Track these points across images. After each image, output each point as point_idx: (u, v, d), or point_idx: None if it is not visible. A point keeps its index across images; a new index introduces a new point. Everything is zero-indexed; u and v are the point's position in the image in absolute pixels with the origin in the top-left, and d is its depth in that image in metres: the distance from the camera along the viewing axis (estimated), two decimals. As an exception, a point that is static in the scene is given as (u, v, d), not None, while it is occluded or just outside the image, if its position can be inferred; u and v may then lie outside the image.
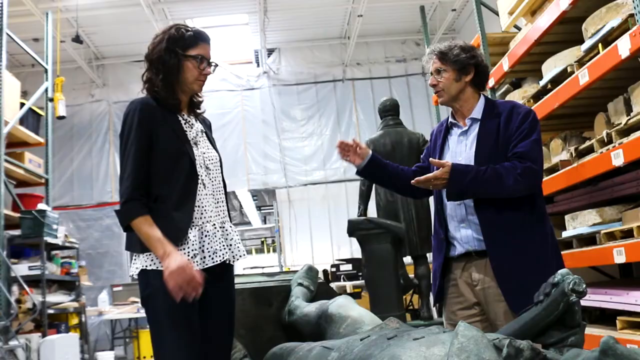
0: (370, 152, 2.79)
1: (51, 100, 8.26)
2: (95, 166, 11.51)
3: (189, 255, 2.23)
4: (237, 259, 2.43)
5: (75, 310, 8.47)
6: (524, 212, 2.56)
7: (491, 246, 2.52)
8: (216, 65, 2.47)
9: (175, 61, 2.36)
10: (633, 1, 3.06)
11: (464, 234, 2.61)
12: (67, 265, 8.33)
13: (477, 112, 2.67)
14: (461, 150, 2.66)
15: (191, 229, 2.28)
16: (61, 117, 8.27)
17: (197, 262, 2.25)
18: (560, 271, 1.87)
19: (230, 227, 2.44)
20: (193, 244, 2.26)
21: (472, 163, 2.57)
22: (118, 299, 9.82)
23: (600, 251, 3.76)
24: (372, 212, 5.57)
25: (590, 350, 1.32)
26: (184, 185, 2.30)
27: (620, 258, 3.72)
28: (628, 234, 3.72)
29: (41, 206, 7.62)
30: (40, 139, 8.07)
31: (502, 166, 2.49)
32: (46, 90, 8.29)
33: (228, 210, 2.50)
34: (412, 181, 2.55)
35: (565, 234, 4.17)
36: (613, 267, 4.68)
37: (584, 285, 1.81)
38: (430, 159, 2.56)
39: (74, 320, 8.55)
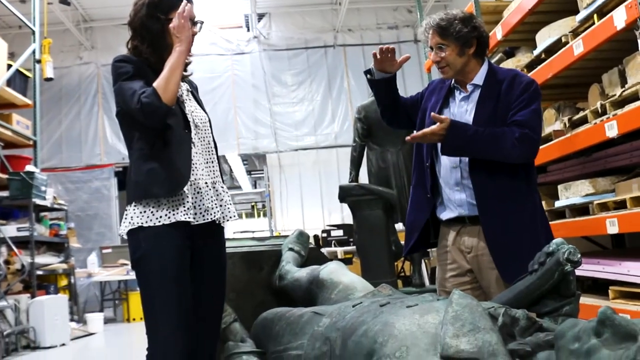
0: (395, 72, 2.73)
1: (38, 61, 8.15)
2: (84, 128, 11.40)
3: (185, 207, 2.20)
4: (228, 220, 2.41)
5: (64, 271, 8.47)
6: (519, 181, 2.54)
7: (484, 212, 2.49)
8: (202, 23, 2.41)
9: (159, 26, 2.32)
10: (631, -29, 3.00)
11: (458, 198, 2.57)
12: (55, 227, 8.30)
13: (479, 78, 2.63)
14: (461, 113, 2.62)
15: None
16: (49, 79, 8.18)
17: (192, 215, 2.22)
18: (555, 240, 1.85)
19: (222, 187, 2.42)
20: (187, 198, 2.23)
21: None
22: (107, 261, 9.82)
23: (593, 221, 3.76)
24: (363, 178, 5.54)
25: (587, 321, 1.30)
26: (180, 137, 2.26)
27: (613, 229, 3.73)
28: (621, 205, 3.72)
29: (29, 168, 7.56)
30: (28, 101, 7.98)
31: (501, 129, 2.47)
32: (34, 52, 8.17)
33: (220, 172, 2.47)
34: (407, 138, 2.51)
35: (558, 204, 4.17)
36: (605, 238, 4.69)
37: (579, 255, 1.80)
38: (432, 114, 2.51)
39: (63, 282, 8.55)
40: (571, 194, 4.08)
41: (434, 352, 1.52)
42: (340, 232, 7.38)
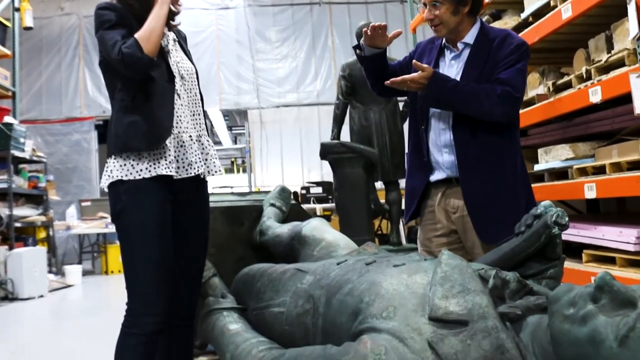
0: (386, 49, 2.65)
1: (17, 10, 7.88)
2: (65, 80, 11.12)
3: (166, 161, 2.12)
4: (213, 174, 2.32)
5: (42, 224, 8.36)
6: (502, 141, 2.49)
7: (464, 172, 2.45)
8: None
9: None
10: None
11: (447, 160, 2.52)
12: (34, 179, 8.16)
13: (470, 37, 2.54)
14: (451, 73, 2.54)
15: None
16: (28, 28, 7.94)
17: (174, 169, 2.14)
18: (543, 203, 1.81)
19: (207, 141, 2.32)
20: (169, 151, 2.14)
21: None
22: (86, 214, 9.70)
23: (571, 186, 3.75)
24: (345, 136, 5.47)
25: (584, 286, 1.25)
26: (163, 89, 2.16)
27: (590, 193, 3.72)
28: (600, 170, 3.71)
29: (8, 119, 7.38)
30: (7, 51, 7.76)
31: (483, 86, 2.41)
32: (12, 0, 7.89)
33: (206, 124, 2.37)
34: (387, 82, 2.44)
35: (537, 167, 4.15)
36: (580, 202, 4.70)
37: (567, 218, 1.75)
38: (414, 61, 2.43)
39: (42, 234, 8.44)
40: (551, 158, 4.06)
41: (422, 313, 1.46)
42: (319, 190, 7.33)
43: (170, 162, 2.13)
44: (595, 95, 3.45)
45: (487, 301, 1.43)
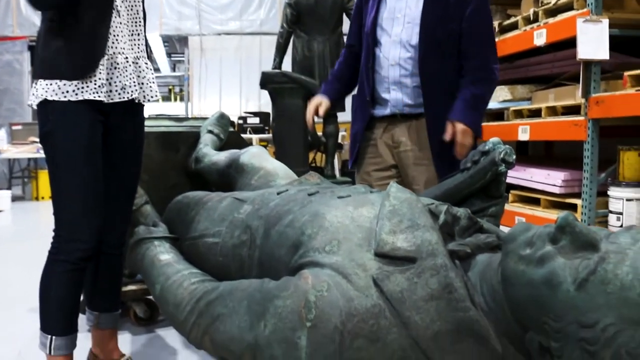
0: (327, 98, 2.61)
1: None
2: (-5, -4, 10.34)
3: (96, 85, 1.91)
4: (149, 100, 2.12)
5: (-31, 144, 7.88)
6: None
7: (429, 109, 2.37)
8: None
9: None
10: None
11: (394, 97, 2.42)
12: (-40, 98, 7.63)
13: None
14: (401, 7, 2.40)
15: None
16: None
17: (103, 93, 1.93)
18: (491, 139, 1.73)
19: (146, 64, 2.10)
20: (100, 74, 1.93)
21: (418, 24, 2.34)
22: (17, 138, 9.20)
23: (506, 127, 3.75)
24: (287, 66, 5.31)
25: (543, 225, 1.17)
26: (100, 4, 1.92)
27: (524, 135, 3.73)
28: (535, 113, 3.71)
29: None
30: None
31: (480, 90, 2.39)
32: None
33: (146, 47, 2.15)
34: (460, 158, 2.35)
35: (474, 107, 4.12)
36: (510, 144, 4.73)
37: (514, 156, 1.68)
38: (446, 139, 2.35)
39: (-31, 155, 7.98)
40: (489, 98, 4.04)
41: (368, 248, 1.35)
42: (256, 120, 7.16)
43: (100, 85, 1.92)
44: (540, 38, 3.40)
45: (436, 238, 1.33)
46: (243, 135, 6.08)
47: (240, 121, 7.26)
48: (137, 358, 2.33)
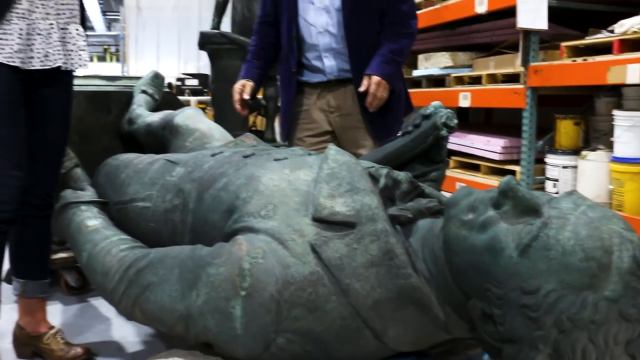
0: (252, 83, 2.54)
1: None
2: None
3: (12, 49, 1.77)
4: (76, 68, 1.98)
5: None
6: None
7: (357, 72, 2.32)
8: None
9: None
10: None
11: (329, 64, 2.38)
12: None
13: None
14: None
15: (20, 19, 1.79)
16: None
17: (19, 59, 1.79)
18: (433, 103, 1.69)
19: (77, 30, 1.95)
20: (20, 37, 1.78)
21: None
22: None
23: (447, 93, 3.76)
24: (226, 27, 5.16)
25: (485, 190, 1.13)
26: None
27: (465, 102, 3.74)
28: (476, 80, 3.72)
29: None
30: None
31: (398, 42, 2.35)
32: None
33: (82, 11, 2.00)
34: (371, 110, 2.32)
35: (415, 73, 4.13)
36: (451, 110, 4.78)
37: (456, 121, 1.65)
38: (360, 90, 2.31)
39: None
40: (430, 64, 4.04)
41: (305, 212, 1.29)
42: (195, 82, 6.99)
43: (16, 51, 1.77)
44: (482, 6, 3.40)
45: (377, 202, 1.28)
46: (181, 98, 5.94)
47: (179, 83, 7.08)
48: (68, 330, 2.22)
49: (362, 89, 2.27)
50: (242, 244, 1.27)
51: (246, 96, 2.50)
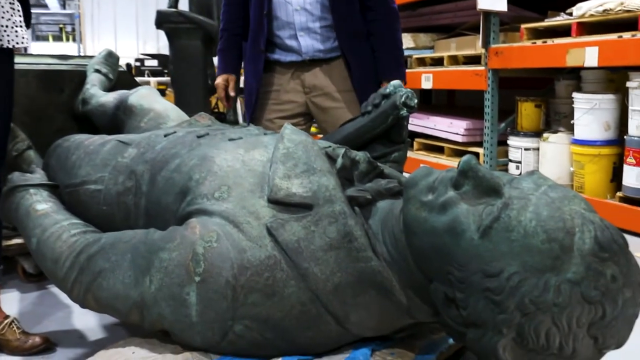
0: (232, 74, 2.49)
1: None
2: None
3: None
4: (13, 46, 1.87)
5: None
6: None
7: (348, 49, 2.31)
8: None
9: None
10: None
11: (304, 43, 2.32)
12: None
13: None
14: None
15: None
16: None
17: None
18: (392, 82, 1.65)
19: (11, 4, 1.85)
20: None
21: None
22: None
23: (409, 75, 3.73)
24: (184, 5, 5.07)
25: (445, 170, 1.10)
26: None
27: (427, 84, 3.74)
28: (438, 62, 3.71)
29: None
30: None
31: (392, 36, 2.36)
32: None
33: None
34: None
35: (378, 54, 4.08)
36: (414, 93, 4.80)
37: (416, 100, 1.61)
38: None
39: None
40: (393, 46, 4.01)
41: (261, 194, 1.25)
42: (154, 62, 6.86)
43: None
44: (443, -14, 3.39)
45: (334, 183, 1.24)
46: (141, 79, 5.82)
47: (138, 63, 6.94)
48: (26, 319, 2.13)
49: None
50: (195, 227, 1.23)
51: (232, 92, 2.46)
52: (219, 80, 2.46)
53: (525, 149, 3.53)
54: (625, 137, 3.22)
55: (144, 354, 1.28)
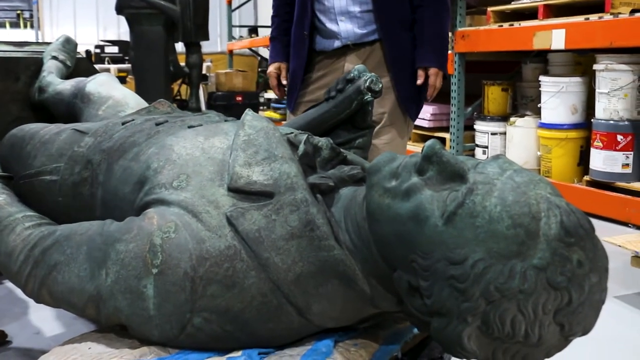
0: (286, 64, 2.52)
1: None
2: None
3: None
4: None
5: None
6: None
7: (387, 33, 2.33)
8: None
9: None
10: None
11: (344, 28, 2.35)
12: None
13: None
14: None
15: None
16: None
17: None
18: (357, 66, 1.64)
19: None
20: None
21: None
22: None
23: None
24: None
25: (409, 155, 1.09)
26: None
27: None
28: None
29: None
30: None
31: (439, 20, 2.36)
32: None
33: None
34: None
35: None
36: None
37: (381, 85, 1.60)
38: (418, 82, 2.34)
39: None
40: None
41: (221, 182, 1.23)
42: (115, 49, 6.76)
43: None
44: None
45: (296, 170, 1.22)
46: (101, 66, 5.73)
47: (98, 50, 6.83)
48: (-20, 314, 2.11)
49: (420, 81, 2.32)
50: (152, 217, 1.20)
51: (284, 81, 2.48)
52: (271, 69, 2.50)
53: (492, 134, 3.54)
54: (592, 120, 3.25)
55: (101, 349, 1.25)
